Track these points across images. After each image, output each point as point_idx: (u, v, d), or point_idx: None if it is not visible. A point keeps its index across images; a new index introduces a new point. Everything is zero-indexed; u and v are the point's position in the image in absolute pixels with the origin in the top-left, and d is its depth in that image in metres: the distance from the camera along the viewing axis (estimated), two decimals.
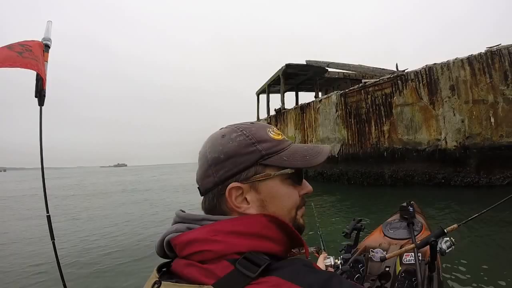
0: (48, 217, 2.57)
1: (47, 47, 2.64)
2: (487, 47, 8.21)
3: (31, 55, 2.45)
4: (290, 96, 23.44)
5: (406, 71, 10.24)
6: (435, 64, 9.25)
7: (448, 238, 1.72)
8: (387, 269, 2.14)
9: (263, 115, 22.21)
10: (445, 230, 1.70)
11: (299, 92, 23.31)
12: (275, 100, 21.04)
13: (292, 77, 20.05)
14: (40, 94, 2.54)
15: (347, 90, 12.53)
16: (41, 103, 2.57)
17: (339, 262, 1.75)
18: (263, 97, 22.76)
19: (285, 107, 18.07)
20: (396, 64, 11.24)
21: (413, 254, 1.97)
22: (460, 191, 8.22)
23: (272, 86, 21.19)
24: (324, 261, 1.60)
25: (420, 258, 1.91)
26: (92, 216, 9.66)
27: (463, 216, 5.60)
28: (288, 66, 18.20)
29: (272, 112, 19.48)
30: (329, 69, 18.52)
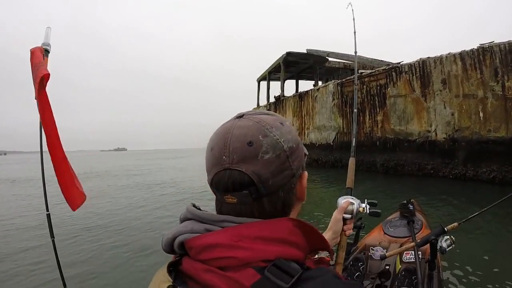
0: (48, 215, 2.51)
1: (46, 51, 2.59)
2: (479, 44, 8.19)
3: (38, 64, 2.39)
4: (291, 84, 23.38)
5: (401, 63, 10.27)
6: (428, 57, 9.19)
7: (448, 237, 1.69)
8: (387, 267, 2.11)
9: (263, 101, 22.17)
10: (445, 229, 1.68)
11: (299, 81, 23.19)
12: (276, 87, 21.01)
13: (293, 65, 19.89)
14: None
15: (343, 80, 12.47)
16: None
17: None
18: (263, 84, 22.62)
19: (285, 95, 18.01)
20: None
21: (413, 252, 1.95)
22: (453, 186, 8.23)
23: (273, 74, 21.03)
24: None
25: (420, 256, 1.88)
26: None
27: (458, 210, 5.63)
28: (288, 54, 18.05)
29: (272, 99, 19.42)
30: (330, 59, 18.45)
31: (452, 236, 1.69)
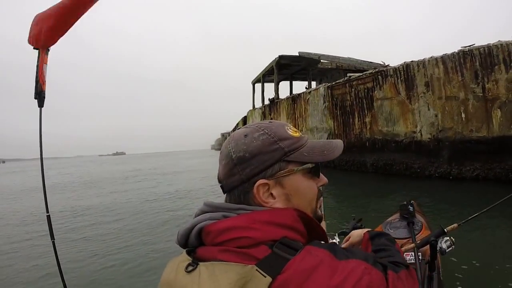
0: (48, 217, 2.44)
1: (47, 50, 2.47)
2: (461, 47, 8.28)
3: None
4: (285, 85, 23.50)
5: (387, 67, 10.39)
6: (412, 61, 9.27)
7: (448, 238, 1.65)
8: None
9: (258, 104, 22.28)
10: (445, 230, 1.66)
11: (293, 81, 23.29)
12: (271, 89, 21.21)
13: (286, 67, 19.94)
14: (39, 95, 2.41)
15: (333, 83, 12.55)
16: (40, 104, 2.43)
17: None
18: (258, 86, 22.68)
19: (279, 97, 18.08)
20: None
21: (413, 253, 1.87)
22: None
23: (267, 76, 21.10)
24: None
25: (420, 257, 1.82)
26: None
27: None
28: (281, 57, 18.12)
29: (266, 101, 19.53)
30: (322, 60, 18.56)
31: (452, 237, 1.66)
